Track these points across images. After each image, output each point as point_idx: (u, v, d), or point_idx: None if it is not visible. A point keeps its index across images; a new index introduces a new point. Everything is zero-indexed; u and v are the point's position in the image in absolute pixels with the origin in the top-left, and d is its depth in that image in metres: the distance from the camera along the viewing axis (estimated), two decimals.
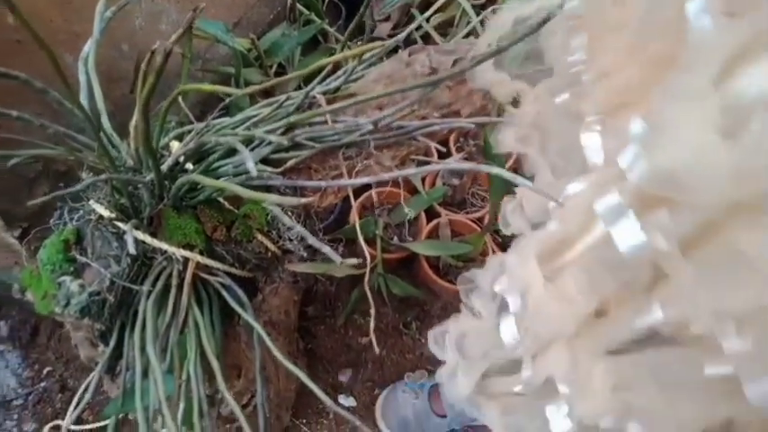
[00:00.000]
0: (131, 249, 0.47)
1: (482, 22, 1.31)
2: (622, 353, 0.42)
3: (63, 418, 1.07)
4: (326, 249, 0.46)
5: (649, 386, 0.41)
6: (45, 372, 1.14)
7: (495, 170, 0.51)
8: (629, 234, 0.37)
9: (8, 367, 1.14)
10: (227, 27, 1.08)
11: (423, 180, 1.21)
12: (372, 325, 0.83)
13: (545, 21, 0.45)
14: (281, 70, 1.32)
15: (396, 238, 1.18)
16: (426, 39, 1.47)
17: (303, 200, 0.41)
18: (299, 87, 1.16)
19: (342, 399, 1.14)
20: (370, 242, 1.12)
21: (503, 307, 0.50)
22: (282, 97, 0.61)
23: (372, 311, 0.83)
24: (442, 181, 1.23)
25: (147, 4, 1.08)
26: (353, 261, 0.46)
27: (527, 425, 0.50)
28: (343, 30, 1.56)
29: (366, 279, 0.88)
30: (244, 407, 0.92)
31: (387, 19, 1.56)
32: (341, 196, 0.68)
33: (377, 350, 0.77)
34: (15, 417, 1.08)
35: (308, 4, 1.40)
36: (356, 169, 0.64)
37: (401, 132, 0.64)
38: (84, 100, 0.70)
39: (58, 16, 0.89)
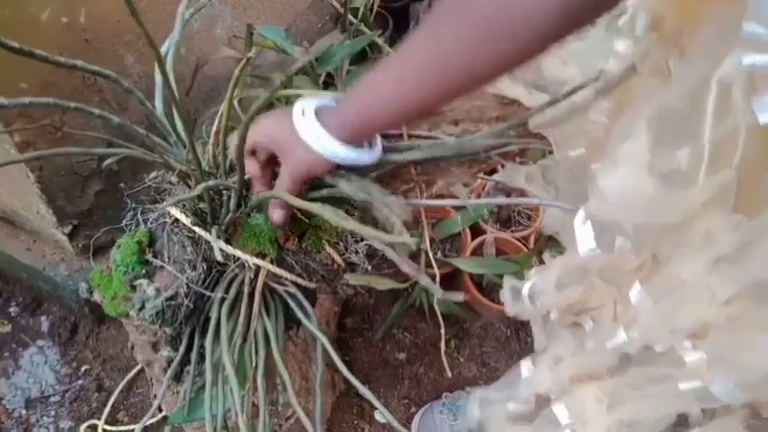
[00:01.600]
0: (218, 257, 0.47)
1: None
2: (610, 376, 0.52)
3: (98, 418, 1.06)
4: (425, 280, 0.45)
5: (636, 400, 0.50)
6: (82, 370, 1.14)
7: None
8: (586, 240, 0.48)
9: (47, 363, 1.14)
10: (287, 34, 1.08)
11: (468, 196, 1.20)
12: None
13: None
14: (330, 80, 1.32)
15: (439, 252, 1.17)
16: None
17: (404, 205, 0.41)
18: None
19: (377, 415, 1.12)
20: (413, 256, 1.11)
21: None
22: None
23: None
24: (490, 192, 1.22)
25: (205, 8, 1.09)
26: (458, 297, 0.45)
27: None
28: (390, 40, 1.57)
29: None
30: (287, 419, 0.91)
31: None
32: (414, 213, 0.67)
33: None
34: (52, 413, 1.07)
35: (357, 14, 1.40)
36: (435, 188, 0.63)
37: (478, 150, 0.63)
38: (158, 102, 0.70)
39: (124, 17, 0.89)
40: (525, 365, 0.66)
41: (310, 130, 0.48)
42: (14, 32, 0.74)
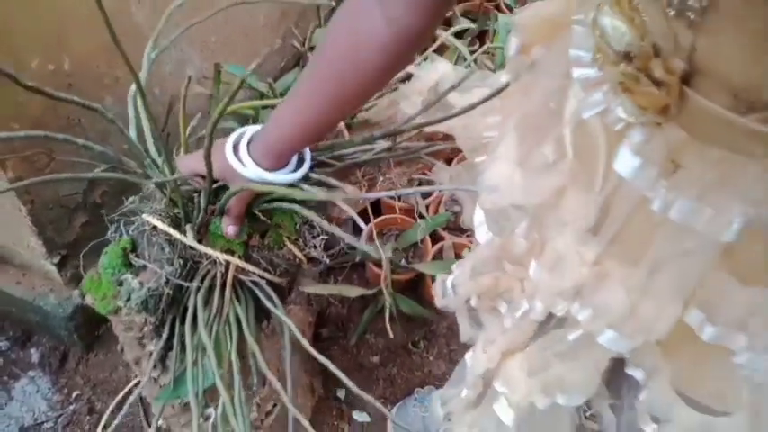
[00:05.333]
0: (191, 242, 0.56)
1: (476, 61, 1.45)
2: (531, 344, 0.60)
3: None
4: (365, 247, 0.56)
5: (557, 363, 0.56)
6: (74, 395, 1.20)
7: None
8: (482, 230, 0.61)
9: (39, 392, 1.20)
10: (245, 70, 1.20)
11: (427, 207, 1.31)
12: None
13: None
14: None
15: (403, 260, 1.27)
16: None
17: (349, 191, 0.51)
18: None
19: (356, 414, 1.19)
20: (379, 265, 1.20)
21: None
22: None
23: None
24: (445, 208, 1.33)
25: (176, 52, 1.20)
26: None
27: (488, 426, 0.67)
28: None
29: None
30: (267, 414, 0.99)
31: None
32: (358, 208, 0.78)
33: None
34: None
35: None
36: (377, 184, 0.74)
37: (409, 152, 0.74)
38: (132, 132, 0.80)
39: (103, 63, 1.00)
40: (467, 355, 0.74)
41: (238, 161, 0.62)
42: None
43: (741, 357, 0.46)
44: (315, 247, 0.76)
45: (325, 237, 0.77)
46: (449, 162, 1.31)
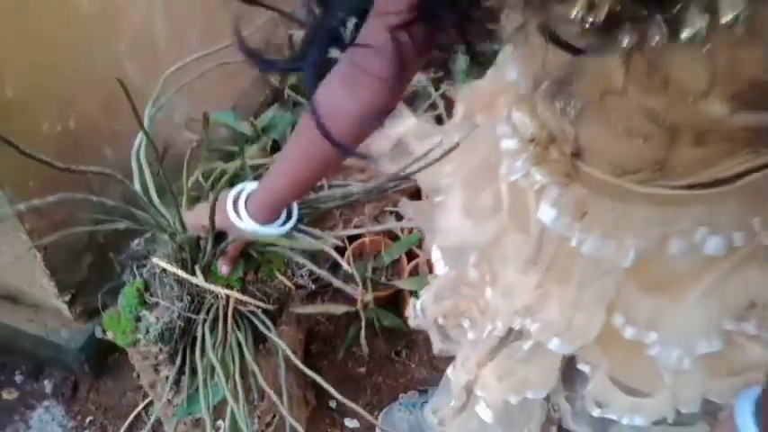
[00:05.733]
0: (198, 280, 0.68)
1: (442, 96, 1.59)
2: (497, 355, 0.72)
3: None
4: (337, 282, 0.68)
5: (520, 368, 0.69)
6: (87, 421, 1.30)
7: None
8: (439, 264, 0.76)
9: (54, 420, 1.30)
10: (236, 116, 1.33)
11: (402, 229, 1.44)
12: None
13: None
14: (277, 145, 1.57)
15: (383, 278, 1.40)
16: None
17: (328, 246, 0.64)
18: None
19: (347, 422, 1.31)
20: (362, 283, 1.33)
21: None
22: None
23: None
24: (417, 229, 1.46)
25: (164, 99, 1.32)
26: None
27: (473, 425, 0.80)
28: None
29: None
30: (267, 425, 1.11)
31: None
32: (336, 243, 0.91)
33: None
34: None
35: (294, 87, 1.66)
36: (353, 223, 0.86)
37: (379, 190, 0.87)
38: (137, 185, 0.92)
39: (102, 119, 1.12)
40: (449, 370, 0.85)
41: (236, 215, 0.74)
42: (24, 140, 0.96)
43: (653, 350, 0.59)
44: (301, 276, 0.88)
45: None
46: (413, 196, 1.45)
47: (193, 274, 0.80)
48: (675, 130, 0.45)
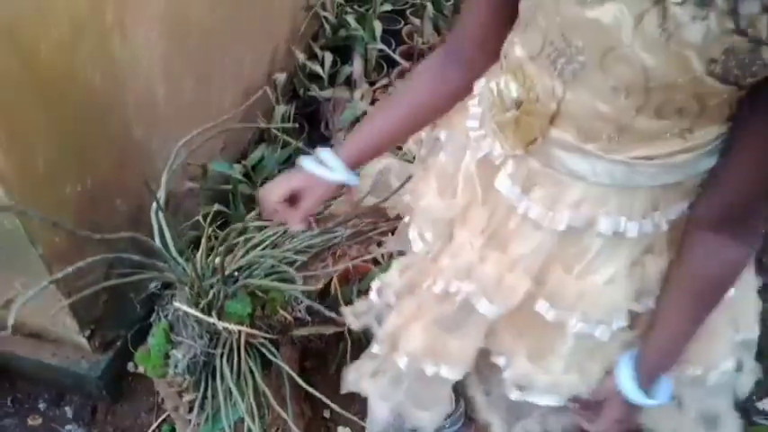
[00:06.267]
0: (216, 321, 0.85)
1: None
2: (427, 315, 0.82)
3: None
4: (332, 314, 0.85)
5: (443, 336, 0.81)
6: None
7: None
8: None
9: None
10: (230, 165, 1.49)
11: (383, 255, 1.62)
12: None
13: None
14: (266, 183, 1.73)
15: None
16: None
17: (313, 288, 0.81)
18: None
19: (341, 429, 1.48)
20: (350, 304, 1.49)
21: None
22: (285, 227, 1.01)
23: None
24: (396, 252, 1.64)
25: (166, 150, 1.47)
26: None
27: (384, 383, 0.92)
28: (307, 142, 1.99)
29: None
30: None
31: (340, 130, 2.00)
32: (327, 280, 1.08)
33: None
34: None
35: (280, 127, 1.82)
36: (338, 265, 1.04)
37: (363, 234, 1.05)
38: (156, 239, 1.08)
39: (113, 177, 1.27)
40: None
41: (324, 169, 0.77)
42: (50, 203, 1.11)
43: (575, 328, 0.72)
44: (300, 310, 1.05)
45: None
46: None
47: (210, 314, 0.96)
48: (649, 93, 0.55)
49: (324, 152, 0.79)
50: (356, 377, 0.94)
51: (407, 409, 0.92)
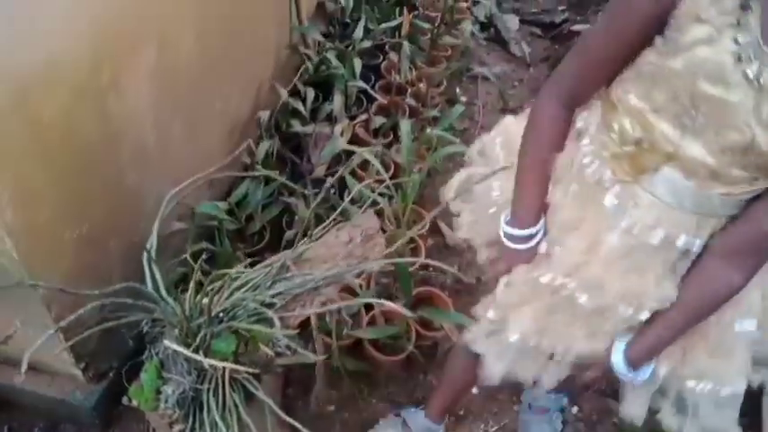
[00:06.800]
0: (203, 359, 0.95)
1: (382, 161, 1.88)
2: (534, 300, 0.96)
3: None
4: (302, 351, 0.96)
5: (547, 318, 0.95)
6: None
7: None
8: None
9: None
10: (216, 205, 1.60)
11: (360, 285, 1.72)
12: None
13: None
14: (250, 218, 1.83)
15: (345, 329, 1.67)
16: (354, 174, 2.00)
17: (291, 332, 0.92)
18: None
19: None
20: (329, 334, 1.60)
21: None
22: (267, 269, 1.12)
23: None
24: (375, 282, 1.75)
25: (155, 193, 1.58)
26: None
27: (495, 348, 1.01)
28: (290, 176, 2.09)
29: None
30: None
31: (321, 165, 2.11)
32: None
33: None
34: None
35: (262, 162, 1.93)
36: (313, 305, 1.14)
37: (339, 275, 1.16)
38: (148, 282, 1.18)
39: (108, 219, 1.37)
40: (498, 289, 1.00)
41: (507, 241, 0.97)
42: (52, 249, 1.21)
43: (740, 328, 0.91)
44: (280, 345, 1.15)
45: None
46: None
47: (197, 352, 1.06)
48: (747, 155, 0.73)
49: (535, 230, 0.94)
50: (473, 337, 1.02)
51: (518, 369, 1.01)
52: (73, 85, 1.13)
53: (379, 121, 2.23)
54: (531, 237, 0.94)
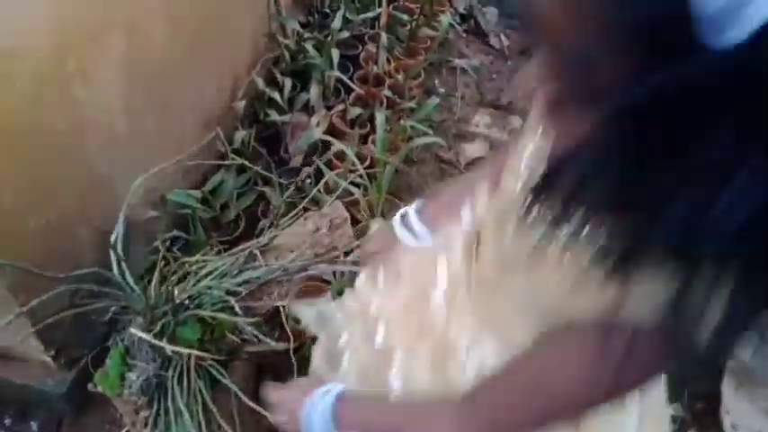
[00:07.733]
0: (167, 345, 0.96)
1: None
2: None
3: None
4: (267, 340, 0.97)
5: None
6: None
7: None
8: None
9: None
10: (187, 194, 1.60)
11: (334, 274, 1.74)
12: None
13: None
14: (225, 206, 1.84)
15: None
16: (329, 164, 2.02)
17: (255, 320, 0.93)
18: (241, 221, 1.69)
19: None
20: (299, 322, 1.62)
21: None
22: (234, 258, 1.13)
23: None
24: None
25: (126, 182, 1.57)
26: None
27: None
28: (266, 165, 2.10)
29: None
30: None
31: (298, 154, 2.12)
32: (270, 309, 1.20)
33: None
34: None
35: (237, 151, 1.93)
36: (287, 292, 1.16)
37: (304, 266, 1.17)
38: (115, 269, 1.19)
39: (77, 207, 1.37)
40: None
41: (408, 236, 0.85)
42: (17, 237, 1.20)
43: None
44: (246, 334, 1.17)
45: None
46: None
47: (162, 339, 1.07)
48: None
49: (416, 221, 0.85)
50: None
51: None
52: (35, 72, 1.12)
53: (355, 111, 2.24)
54: None
